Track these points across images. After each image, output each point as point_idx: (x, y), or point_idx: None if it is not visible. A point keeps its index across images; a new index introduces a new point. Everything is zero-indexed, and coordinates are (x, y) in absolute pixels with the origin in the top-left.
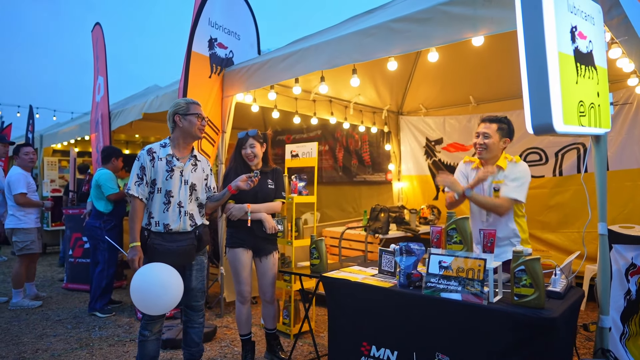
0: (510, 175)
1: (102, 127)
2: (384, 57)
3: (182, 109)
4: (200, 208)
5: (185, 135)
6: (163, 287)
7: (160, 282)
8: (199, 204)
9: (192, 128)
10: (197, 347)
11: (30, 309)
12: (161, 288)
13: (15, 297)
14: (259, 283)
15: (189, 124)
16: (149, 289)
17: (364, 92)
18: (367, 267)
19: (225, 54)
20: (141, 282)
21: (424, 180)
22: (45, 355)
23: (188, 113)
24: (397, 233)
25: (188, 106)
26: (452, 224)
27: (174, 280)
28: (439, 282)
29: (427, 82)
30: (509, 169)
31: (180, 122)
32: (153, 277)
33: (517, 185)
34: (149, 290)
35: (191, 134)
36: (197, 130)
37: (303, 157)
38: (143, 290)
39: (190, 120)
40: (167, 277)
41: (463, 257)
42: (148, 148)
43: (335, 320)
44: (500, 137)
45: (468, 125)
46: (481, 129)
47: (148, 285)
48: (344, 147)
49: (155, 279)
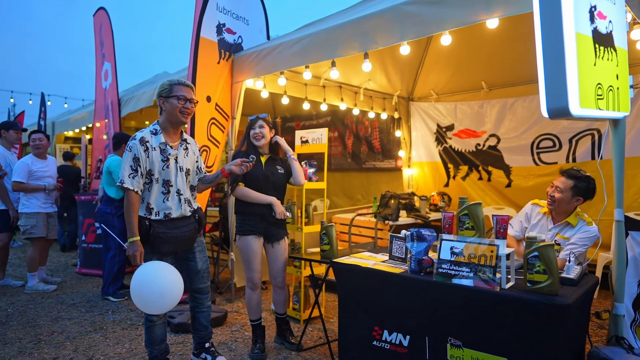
0: (579, 236)
1: (112, 114)
2: (398, 43)
3: (165, 91)
4: (192, 191)
5: (170, 119)
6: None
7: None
8: (191, 187)
9: (174, 111)
10: (206, 331)
11: (45, 293)
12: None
13: (30, 281)
14: (270, 268)
15: (170, 107)
16: (149, 291)
17: (374, 78)
18: (378, 253)
19: (234, 39)
20: (140, 284)
21: (435, 167)
22: (60, 338)
23: (170, 95)
24: (407, 220)
25: (171, 87)
26: (465, 209)
27: (173, 279)
28: (451, 268)
29: (439, 67)
30: (579, 227)
31: (164, 105)
32: (152, 278)
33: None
34: (149, 292)
35: (174, 118)
36: (178, 113)
37: (313, 143)
38: (143, 292)
39: (172, 103)
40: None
41: (475, 243)
42: (140, 137)
43: (345, 306)
44: (573, 195)
45: (480, 111)
46: (557, 181)
47: (148, 287)
48: (354, 133)
49: (155, 280)
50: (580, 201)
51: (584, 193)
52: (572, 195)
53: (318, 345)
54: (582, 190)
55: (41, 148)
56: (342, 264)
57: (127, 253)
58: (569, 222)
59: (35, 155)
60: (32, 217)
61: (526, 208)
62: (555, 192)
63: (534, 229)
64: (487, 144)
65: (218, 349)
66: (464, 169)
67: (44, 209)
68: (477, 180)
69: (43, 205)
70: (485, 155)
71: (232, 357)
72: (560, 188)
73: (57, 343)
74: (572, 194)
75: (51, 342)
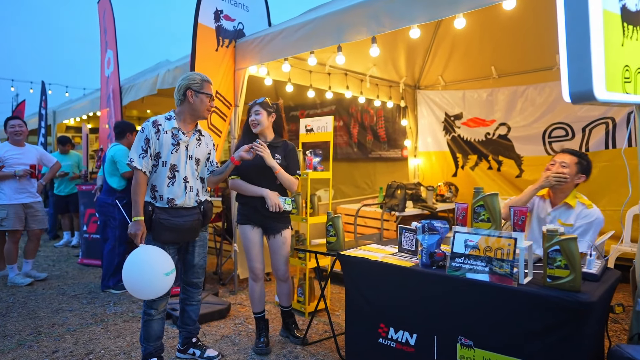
0: (581, 222)
1: (113, 102)
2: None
3: (197, 85)
4: (202, 183)
5: (193, 112)
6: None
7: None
8: (201, 179)
9: (202, 108)
10: (194, 325)
11: (47, 284)
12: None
13: (10, 273)
14: (272, 261)
15: (200, 103)
16: (139, 273)
17: (380, 65)
18: (386, 246)
19: (234, 26)
20: (131, 266)
21: (443, 157)
22: (61, 330)
23: (201, 91)
24: (413, 210)
25: (202, 83)
26: (480, 200)
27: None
28: (465, 262)
29: (446, 54)
30: (578, 211)
31: (192, 98)
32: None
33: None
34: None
35: (199, 114)
36: (205, 111)
37: (318, 131)
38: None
39: (202, 100)
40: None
41: (492, 235)
42: (153, 120)
43: (352, 300)
44: (577, 172)
45: (489, 99)
46: (560, 158)
47: (137, 270)
48: (359, 122)
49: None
50: (583, 179)
51: (586, 170)
52: (576, 171)
53: (324, 339)
54: (584, 167)
55: (20, 135)
56: (349, 257)
57: (129, 231)
58: (568, 202)
59: (12, 143)
60: (4, 208)
61: None
62: (563, 168)
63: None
64: (497, 133)
65: (221, 343)
66: (472, 159)
67: (17, 199)
68: (487, 170)
69: (16, 195)
70: (495, 144)
71: (235, 351)
72: (567, 163)
73: (57, 336)
74: (576, 170)
75: (51, 334)
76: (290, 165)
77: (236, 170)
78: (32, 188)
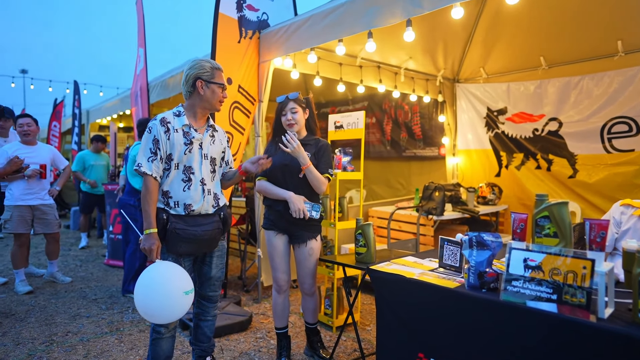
0: None
1: (140, 100)
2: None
3: (207, 74)
4: (220, 185)
5: (205, 105)
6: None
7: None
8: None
9: (214, 99)
10: (209, 342)
11: (69, 286)
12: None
13: (16, 278)
14: (297, 272)
15: (211, 94)
16: (156, 296)
17: (417, 57)
18: (424, 259)
19: (257, 16)
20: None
21: (485, 155)
22: (74, 340)
23: (212, 81)
24: (452, 214)
25: (213, 72)
26: (544, 210)
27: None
28: (525, 286)
29: (489, 43)
30: None
31: (202, 89)
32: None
33: None
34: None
35: (211, 106)
36: (218, 102)
37: (348, 128)
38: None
39: (214, 90)
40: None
41: (561, 255)
42: (161, 118)
43: (385, 323)
44: None
45: (537, 92)
46: None
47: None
48: (393, 119)
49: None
50: None
51: None
52: None
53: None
54: None
55: (30, 134)
56: (382, 273)
57: (142, 247)
58: None
59: (22, 142)
60: (9, 209)
61: (613, 211)
62: None
63: (625, 236)
64: (546, 129)
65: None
66: (518, 157)
67: (24, 201)
68: (535, 169)
69: (23, 197)
70: (545, 141)
71: None
72: None
73: (69, 346)
74: None
75: (64, 344)
76: (321, 163)
77: (264, 172)
78: (42, 190)
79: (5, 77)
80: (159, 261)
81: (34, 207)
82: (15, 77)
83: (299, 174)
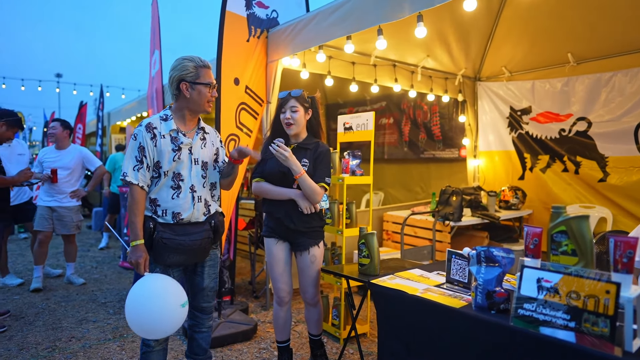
0: None
1: (156, 102)
2: None
3: (191, 75)
4: (213, 191)
5: (192, 107)
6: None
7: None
8: (212, 186)
9: (201, 101)
10: (205, 355)
11: (81, 289)
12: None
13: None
14: (299, 281)
15: (197, 96)
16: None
17: (434, 55)
18: (432, 272)
19: (267, 14)
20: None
21: (507, 157)
22: (76, 346)
23: (197, 81)
24: (471, 220)
25: (197, 71)
26: (561, 224)
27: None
28: (538, 309)
29: (512, 39)
30: None
31: (187, 91)
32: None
33: None
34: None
35: (199, 108)
36: (206, 104)
37: (357, 130)
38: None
39: (200, 91)
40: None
41: (580, 276)
42: (147, 123)
43: (385, 341)
44: None
45: (565, 90)
46: None
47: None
48: (411, 119)
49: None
50: None
51: None
52: None
53: None
54: None
55: (52, 137)
56: (382, 287)
57: (129, 259)
58: None
59: (55, 147)
60: None
61: None
62: None
63: None
64: (574, 129)
65: None
66: (544, 159)
67: (44, 202)
68: (561, 172)
69: (44, 198)
70: (572, 142)
71: None
72: None
73: (70, 352)
74: None
75: (66, 350)
76: (318, 171)
77: (260, 173)
78: (59, 193)
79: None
80: (148, 274)
81: (52, 209)
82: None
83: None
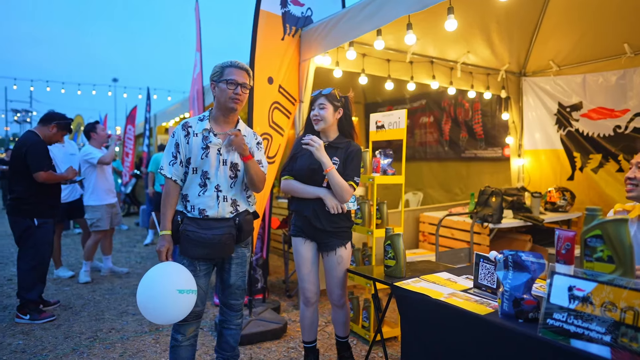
0: None
1: (197, 103)
2: None
3: (216, 75)
4: (246, 192)
5: (219, 107)
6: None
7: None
8: (245, 187)
9: (223, 98)
10: (232, 352)
11: (126, 282)
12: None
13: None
14: (326, 281)
15: (220, 93)
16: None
17: (475, 50)
18: (460, 276)
19: (302, 12)
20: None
21: (555, 156)
22: (115, 337)
23: (220, 79)
24: (512, 222)
25: (222, 70)
26: (596, 228)
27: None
28: (569, 320)
29: (561, 31)
30: None
31: (215, 90)
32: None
33: None
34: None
35: (223, 106)
36: (229, 100)
37: (389, 128)
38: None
39: (222, 89)
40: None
41: (617, 285)
42: (184, 122)
43: (408, 347)
44: None
45: (620, 84)
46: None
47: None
48: (452, 118)
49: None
50: None
51: None
52: None
53: None
54: None
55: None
56: (403, 290)
57: (156, 249)
58: None
59: None
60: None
61: None
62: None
63: None
64: (631, 126)
65: None
66: (596, 159)
67: (106, 200)
68: (615, 172)
69: (105, 196)
70: (629, 140)
71: None
72: None
73: (109, 343)
74: None
75: (105, 341)
76: (348, 170)
77: (289, 170)
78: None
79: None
80: (163, 262)
81: (111, 205)
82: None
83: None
